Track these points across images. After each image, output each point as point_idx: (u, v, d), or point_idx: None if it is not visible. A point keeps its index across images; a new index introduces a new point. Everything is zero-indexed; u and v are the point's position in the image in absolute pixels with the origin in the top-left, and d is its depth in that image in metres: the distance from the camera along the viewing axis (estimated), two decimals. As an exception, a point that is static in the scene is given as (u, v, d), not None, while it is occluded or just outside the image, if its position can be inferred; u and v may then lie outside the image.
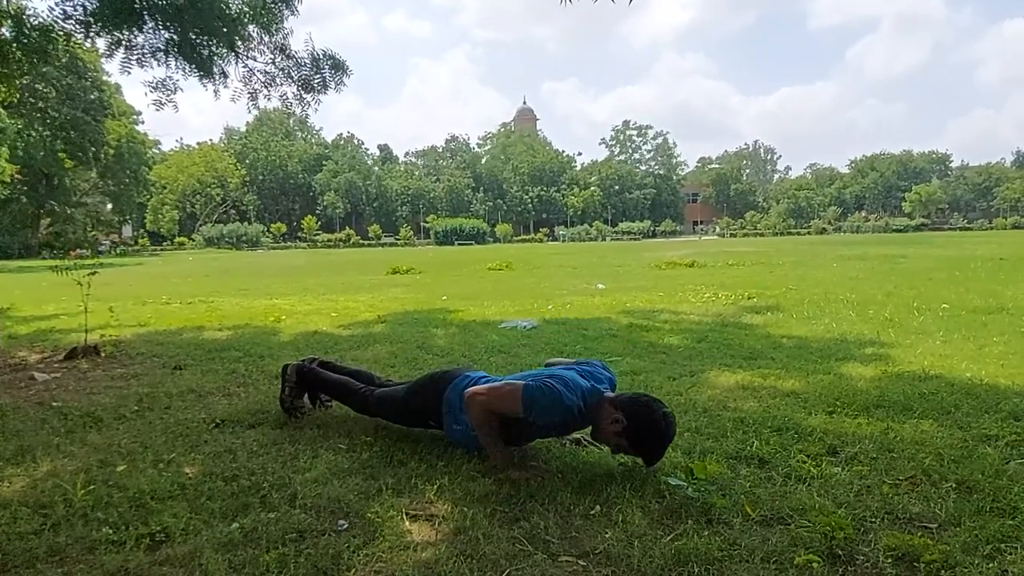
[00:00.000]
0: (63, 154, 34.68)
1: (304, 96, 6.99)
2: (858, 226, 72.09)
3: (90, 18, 5.70)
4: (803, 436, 2.97)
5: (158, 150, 66.88)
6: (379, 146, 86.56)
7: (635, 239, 65.87)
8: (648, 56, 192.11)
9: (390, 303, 9.02)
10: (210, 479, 2.58)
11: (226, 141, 77.65)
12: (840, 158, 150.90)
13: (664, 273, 14.61)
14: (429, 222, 71.78)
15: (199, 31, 6.05)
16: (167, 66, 6.25)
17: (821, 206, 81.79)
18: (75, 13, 5.75)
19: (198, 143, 73.42)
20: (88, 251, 7.24)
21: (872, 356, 4.73)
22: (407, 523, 2.21)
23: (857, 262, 16.30)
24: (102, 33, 5.90)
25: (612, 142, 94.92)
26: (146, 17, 5.83)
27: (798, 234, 67.61)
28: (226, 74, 6.55)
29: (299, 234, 69.61)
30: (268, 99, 7.09)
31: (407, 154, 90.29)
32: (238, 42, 6.39)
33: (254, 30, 6.50)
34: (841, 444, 2.86)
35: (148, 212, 63.09)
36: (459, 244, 60.46)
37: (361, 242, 66.50)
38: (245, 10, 6.27)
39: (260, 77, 6.86)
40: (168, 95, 6.63)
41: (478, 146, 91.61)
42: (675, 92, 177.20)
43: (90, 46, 7.06)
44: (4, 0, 6.22)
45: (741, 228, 75.87)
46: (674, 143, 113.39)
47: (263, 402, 3.71)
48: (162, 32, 6.05)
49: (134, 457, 2.87)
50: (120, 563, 1.97)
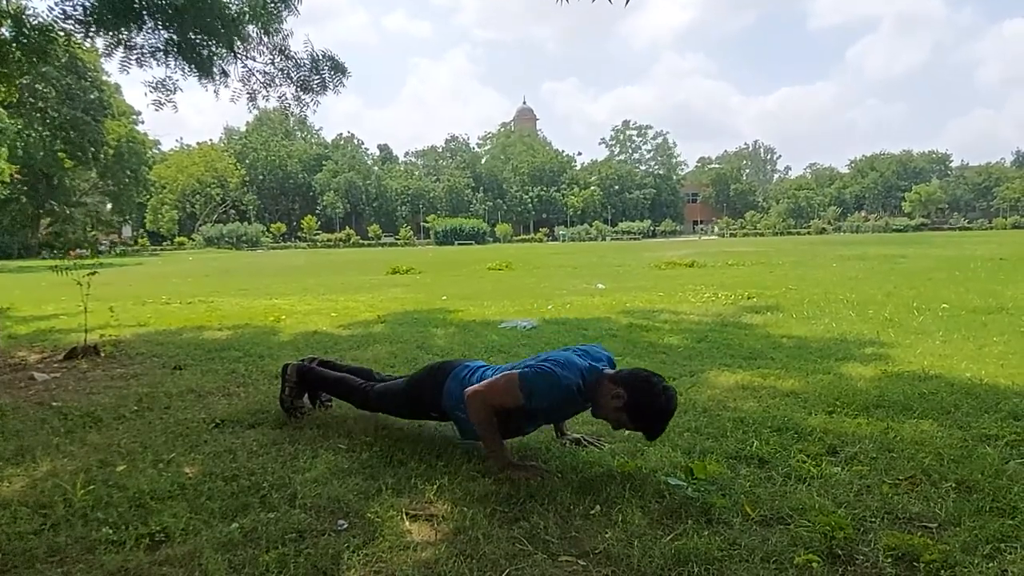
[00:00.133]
0: (63, 154, 34.64)
1: (303, 97, 6.98)
2: (858, 226, 72.11)
3: (90, 18, 5.69)
4: (803, 436, 2.97)
5: (158, 150, 66.91)
6: (379, 146, 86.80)
7: (635, 239, 65.88)
8: (648, 56, 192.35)
9: (390, 303, 9.03)
10: (210, 479, 2.58)
11: (226, 141, 77.66)
12: (840, 158, 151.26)
13: (664, 273, 14.62)
14: (429, 222, 71.79)
15: (198, 31, 6.05)
16: (166, 66, 6.24)
17: (821, 206, 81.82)
18: (75, 13, 5.75)
19: (198, 143, 73.53)
20: (88, 251, 7.20)
21: (872, 356, 4.74)
22: (407, 523, 2.21)
23: (857, 262, 16.30)
24: (101, 33, 5.90)
25: (612, 142, 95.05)
26: (145, 17, 5.82)
27: (798, 234, 67.63)
28: (226, 74, 6.55)
29: (299, 234, 69.64)
30: (267, 100, 7.08)
31: (407, 154, 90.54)
32: (237, 42, 6.38)
33: (253, 30, 6.49)
34: (841, 444, 2.86)
35: (148, 212, 63.10)
36: (459, 244, 60.48)
37: (361, 242, 66.52)
38: (244, 10, 6.27)
39: (259, 77, 6.85)
40: (168, 95, 6.62)
41: (478, 146, 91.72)
42: (675, 92, 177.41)
43: (89, 46, 7.05)
44: (4, 0, 6.22)
45: (741, 228, 75.89)
46: (674, 143, 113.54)
47: (263, 402, 3.71)
48: (161, 32, 6.04)
49: (134, 457, 2.87)
50: (120, 563, 1.97)
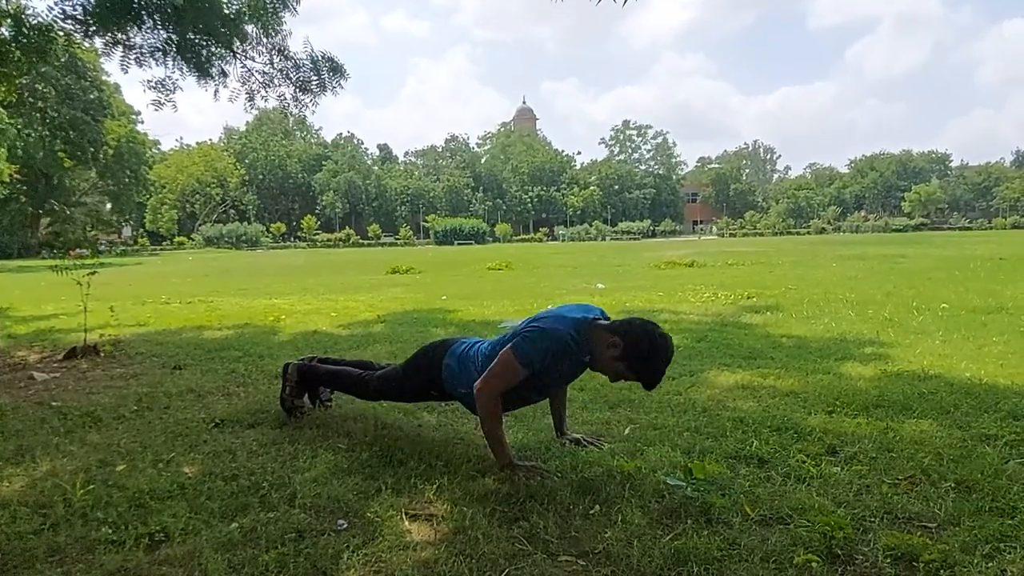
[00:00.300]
0: (62, 154, 34.66)
1: (301, 97, 6.99)
2: (857, 226, 72.11)
3: (89, 18, 5.69)
4: (802, 436, 2.97)
5: (157, 150, 66.86)
6: (379, 146, 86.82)
7: (635, 239, 65.88)
8: (648, 56, 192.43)
9: (390, 303, 9.03)
10: (209, 479, 2.58)
11: (226, 141, 77.62)
12: (840, 158, 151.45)
13: (664, 273, 14.62)
14: (429, 222, 71.78)
15: (198, 31, 6.05)
16: (165, 66, 6.26)
17: (821, 206, 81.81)
18: (74, 13, 5.75)
19: (197, 143, 73.55)
20: (88, 251, 7.20)
21: (871, 356, 4.73)
22: (406, 523, 2.21)
23: (856, 262, 16.30)
24: (100, 32, 5.90)
25: (612, 142, 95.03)
26: (144, 16, 5.82)
27: (797, 234, 67.63)
28: (225, 74, 6.56)
29: (299, 234, 69.64)
30: (266, 100, 7.10)
31: (407, 154, 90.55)
32: (236, 42, 6.39)
33: (252, 30, 6.50)
34: (840, 444, 2.86)
35: (147, 212, 63.08)
36: (459, 244, 60.47)
37: (361, 242, 66.53)
38: (243, 10, 6.27)
39: (258, 77, 6.86)
40: (167, 95, 6.63)
41: (478, 146, 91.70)
42: (675, 92, 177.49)
43: (89, 46, 7.05)
44: (4, 0, 6.21)
45: (740, 228, 75.89)
46: (674, 143, 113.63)
47: (263, 402, 3.71)
48: (160, 31, 6.04)
49: (133, 457, 2.87)
50: (119, 563, 1.97)
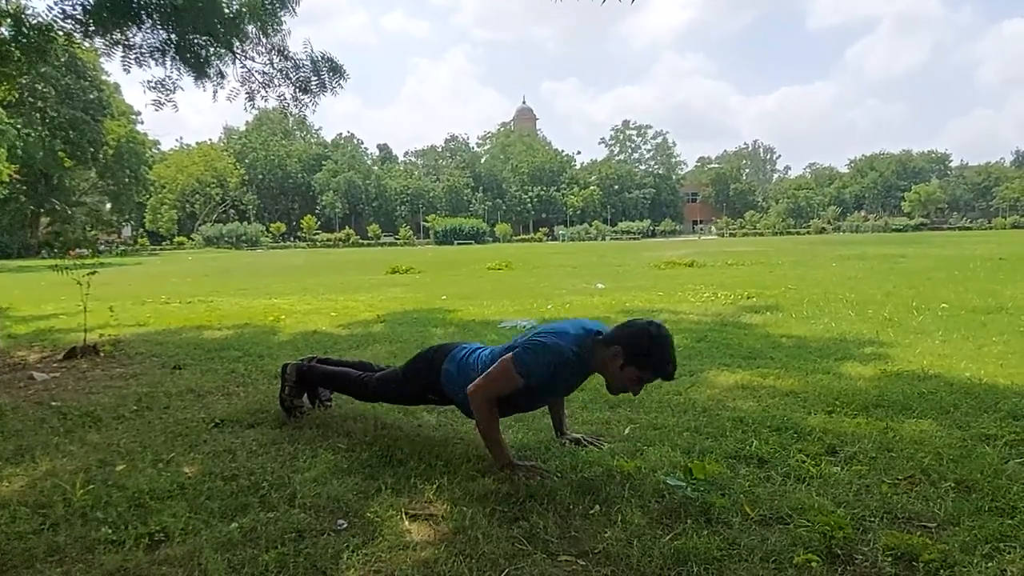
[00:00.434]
0: (62, 154, 34.66)
1: (301, 98, 6.99)
2: (857, 226, 72.10)
3: (89, 17, 5.69)
4: (802, 436, 2.97)
5: (157, 150, 66.82)
6: (378, 146, 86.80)
7: (634, 239, 65.87)
8: (647, 56, 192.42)
9: (389, 303, 9.02)
10: (209, 479, 2.58)
11: (225, 141, 77.61)
12: (840, 158, 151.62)
13: (663, 273, 14.62)
14: (428, 222, 71.78)
15: (197, 31, 6.05)
16: (164, 66, 6.25)
17: (820, 206, 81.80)
18: (74, 12, 5.74)
19: (197, 143, 73.53)
20: (88, 251, 7.21)
21: (871, 355, 4.73)
22: (406, 522, 2.21)
23: (856, 262, 16.30)
24: (100, 32, 5.89)
25: (612, 142, 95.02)
26: (144, 16, 5.82)
27: (797, 234, 67.62)
28: (223, 75, 6.55)
29: (298, 234, 69.61)
30: (265, 100, 7.09)
31: (407, 154, 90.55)
32: (235, 42, 6.39)
33: (252, 30, 6.49)
34: (840, 443, 2.86)
35: (147, 212, 63.06)
36: (458, 244, 60.47)
37: (360, 242, 66.52)
38: (243, 10, 6.26)
39: (258, 78, 6.85)
40: (167, 94, 6.62)
41: (477, 146, 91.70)
42: (675, 92, 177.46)
43: (89, 46, 7.05)
44: (3, 0, 6.21)
45: (740, 228, 75.88)
46: (673, 143, 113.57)
47: (262, 402, 3.71)
48: (160, 31, 6.04)
49: (133, 457, 2.87)
50: (119, 563, 1.97)
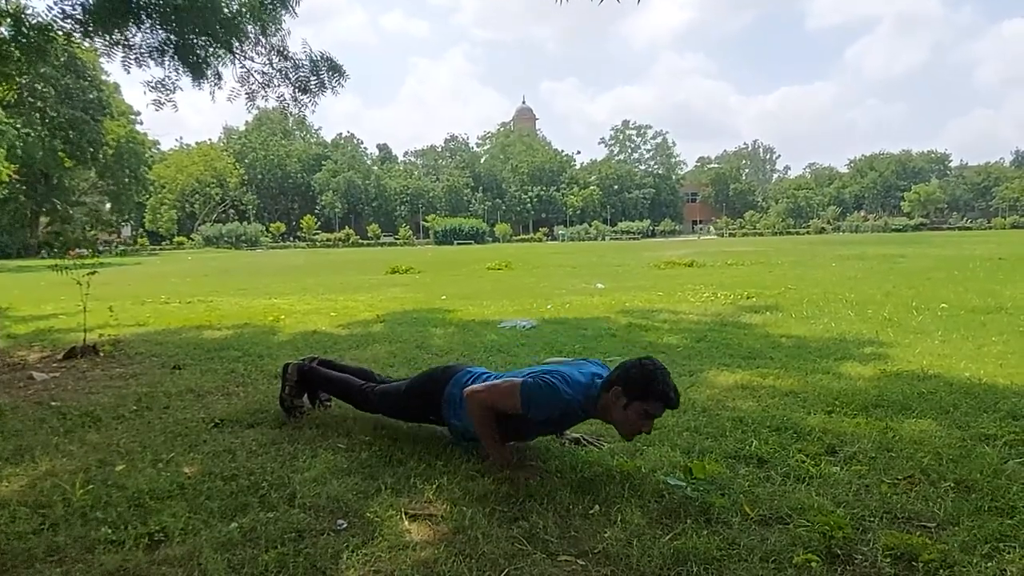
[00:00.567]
0: (62, 154, 34.66)
1: (301, 98, 7.00)
2: (857, 226, 72.09)
3: (88, 17, 5.69)
4: (802, 435, 2.97)
5: (157, 150, 66.81)
6: (378, 146, 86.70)
7: (634, 239, 65.86)
8: (647, 56, 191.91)
9: (389, 303, 9.02)
10: (209, 479, 2.58)
11: (225, 141, 77.57)
12: (839, 158, 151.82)
13: (663, 273, 14.62)
14: (428, 222, 71.76)
15: (197, 31, 6.05)
16: (163, 66, 6.26)
17: (820, 206, 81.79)
18: (74, 12, 5.75)
19: (197, 143, 73.48)
20: (88, 251, 7.22)
21: (871, 356, 4.74)
22: (406, 522, 2.21)
23: (856, 262, 16.30)
24: (100, 32, 5.90)
25: (611, 142, 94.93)
26: (143, 16, 5.82)
27: (797, 234, 67.61)
28: (220, 75, 6.56)
29: (298, 233, 69.59)
30: (265, 100, 7.12)
31: (406, 154, 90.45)
32: (235, 43, 6.39)
33: (251, 30, 6.50)
34: (840, 443, 2.86)
35: (147, 212, 63.04)
36: (458, 244, 60.46)
37: (360, 241, 66.51)
38: (242, 10, 6.26)
39: (257, 78, 6.88)
40: (167, 94, 6.64)
41: (477, 146, 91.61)
42: (674, 92, 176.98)
43: (88, 45, 7.06)
44: (3, 0, 6.21)
45: (740, 228, 75.87)
46: (673, 143, 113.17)
47: (262, 402, 3.71)
48: (159, 31, 6.04)
49: (133, 457, 2.87)
50: (119, 563, 1.97)
